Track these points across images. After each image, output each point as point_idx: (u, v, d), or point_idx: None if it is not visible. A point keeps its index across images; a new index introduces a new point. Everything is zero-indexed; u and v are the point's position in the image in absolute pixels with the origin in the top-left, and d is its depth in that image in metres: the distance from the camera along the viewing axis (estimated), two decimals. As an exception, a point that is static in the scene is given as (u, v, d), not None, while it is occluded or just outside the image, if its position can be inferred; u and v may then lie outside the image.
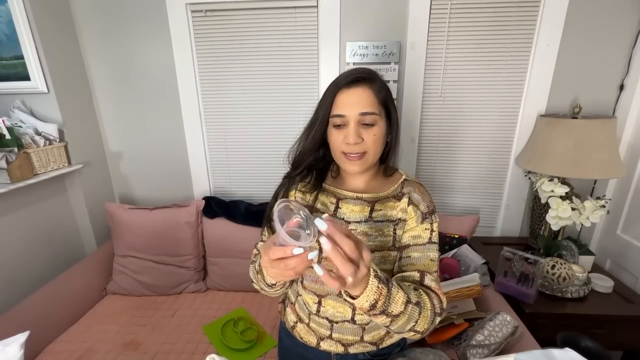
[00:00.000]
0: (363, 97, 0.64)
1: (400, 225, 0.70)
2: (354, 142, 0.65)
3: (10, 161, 1.27)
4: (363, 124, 0.65)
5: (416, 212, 0.70)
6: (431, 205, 0.72)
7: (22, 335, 0.62)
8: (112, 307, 1.47)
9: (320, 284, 0.73)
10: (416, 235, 0.69)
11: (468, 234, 1.45)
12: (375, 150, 0.67)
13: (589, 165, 1.22)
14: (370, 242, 0.69)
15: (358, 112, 0.64)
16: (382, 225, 0.70)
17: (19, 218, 1.41)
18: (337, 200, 0.73)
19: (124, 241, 1.56)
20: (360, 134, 0.65)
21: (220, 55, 1.58)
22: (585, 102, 1.44)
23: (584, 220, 1.26)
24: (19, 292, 1.39)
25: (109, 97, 1.68)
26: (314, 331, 0.76)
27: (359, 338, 0.74)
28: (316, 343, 0.76)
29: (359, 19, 1.47)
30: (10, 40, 1.39)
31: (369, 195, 0.71)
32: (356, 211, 0.71)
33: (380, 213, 0.70)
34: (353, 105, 0.64)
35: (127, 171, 1.80)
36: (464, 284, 1.15)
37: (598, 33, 1.39)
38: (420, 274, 0.67)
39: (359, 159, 0.66)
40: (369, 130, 0.65)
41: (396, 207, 0.70)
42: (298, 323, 0.79)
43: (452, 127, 1.59)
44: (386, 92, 0.68)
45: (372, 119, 0.65)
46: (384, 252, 0.69)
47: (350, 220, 0.71)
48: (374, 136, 0.65)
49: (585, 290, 1.23)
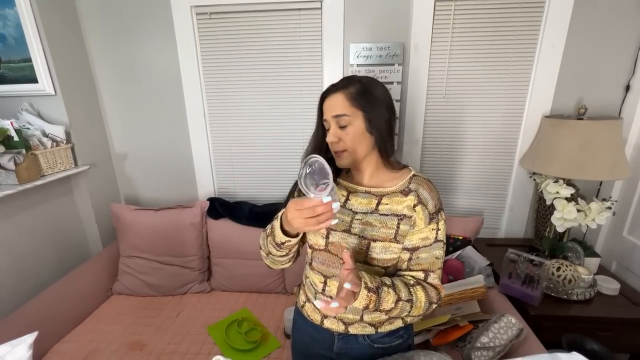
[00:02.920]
0: (335, 102, 0.74)
1: (405, 221, 0.74)
2: (331, 141, 0.75)
3: (18, 163, 1.29)
4: (340, 126, 0.74)
5: (424, 211, 0.73)
6: (438, 204, 0.75)
7: (30, 336, 0.63)
8: (117, 307, 1.49)
9: (327, 267, 0.80)
10: (424, 237, 0.74)
11: (472, 236, 1.45)
12: (355, 146, 0.74)
13: (594, 167, 1.21)
14: (373, 232, 0.75)
15: (332, 115, 0.74)
16: (387, 218, 0.75)
17: (26, 219, 1.43)
18: (348, 194, 0.80)
19: (130, 242, 1.57)
20: (337, 134, 0.74)
21: (224, 57, 1.59)
22: (590, 103, 1.43)
23: (590, 222, 1.25)
24: (26, 292, 1.40)
25: (114, 99, 1.70)
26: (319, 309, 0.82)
27: (358, 317, 0.79)
28: (320, 321, 0.83)
29: (363, 21, 1.47)
30: (18, 43, 1.41)
31: (377, 190, 0.78)
32: (363, 203, 0.77)
33: (386, 207, 0.76)
34: (329, 110, 0.75)
35: (132, 172, 1.81)
36: (468, 286, 1.15)
37: (603, 34, 1.38)
38: (424, 273, 0.75)
39: (340, 155, 0.76)
40: (345, 130, 0.74)
41: (402, 202, 0.75)
42: (306, 303, 0.87)
43: (456, 128, 1.58)
44: (362, 94, 0.73)
45: (345, 120, 0.73)
46: (385, 243, 0.74)
47: (358, 211, 0.77)
48: (347, 135, 0.73)
49: (591, 293, 1.22)
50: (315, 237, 0.81)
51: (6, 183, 1.30)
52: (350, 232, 0.76)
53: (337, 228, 0.78)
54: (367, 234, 0.75)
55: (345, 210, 0.79)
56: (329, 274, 0.80)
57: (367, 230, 0.75)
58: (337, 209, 0.61)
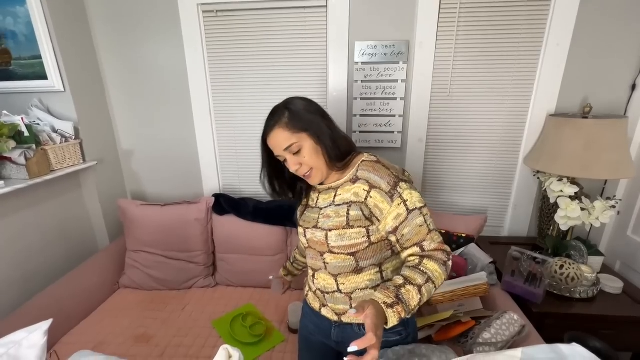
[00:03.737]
0: (279, 138, 0.77)
1: (353, 207, 0.78)
2: (295, 170, 0.80)
3: (28, 157, 1.32)
4: (294, 153, 0.78)
5: (381, 194, 0.75)
6: (393, 178, 0.75)
7: (45, 323, 0.65)
8: (124, 301, 1.51)
9: (313, 261, 0.88)
10: (396, 215, 0.74)
11: (475, 233, 1.45)
12: (317, 162, 0.79)
13: (599, 166, 1.21)
14: (329, 222, 0.80)
15: (282, 150, 0.78)
16: (339, 207, 0.80)
17: (36, 213, 1.46)
18: (318, 194, 0.87)
19: (136, 236, 1.60)
20: (296, 161, 0.78)
21: (230, 55, 1.60)
22: (596, 102, 1.42)
23: (594, 220, 1.25)
24: (35, 285, 1.43)
25: (121, 97, 1.72)
26: (318, 298, 0.90)
27: (348, 307, 0.84)
28: (319, 308, 0.90)
29: (368, 19, 1.48)
30: (28, 40, 1.44)
31: (336, 184, 0.83)
32: (326, 198, 0.84)
33: (340, 197, 0.81)
34: (277, 147, 0.79)
35: (138, 168, 1.84)
36: (471, 283, 1.15)
37: (609, 32, 1.38)
38: (418, 247, 0.75)
39: (310, 175, 0.80)
40: (299, 155, 0.78)
41: (350, 189, 0.79)
42: (309, 292, 0.95)
43: (460, 126, 1.59)
44: (295, 118, 0.77)
45: (295, 147, 0.77)
46: (339, 230, 0.78)
47: (323, 207, 0.84)
48: (305, 157, 0.78)
49: (594, 291, 1.22)
50: (301, 238, 0.90)
51: (17, 177, 1.33)
52: (317, 227, 0.83)
53: (310, 225, 0.85)
54: (325, 225, 0.80)
55: (314, 209, 0.86)
56: (315, 267, 0.88)
57: (326, 222, 0.81)
58: None
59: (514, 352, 0.50)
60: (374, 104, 1.57)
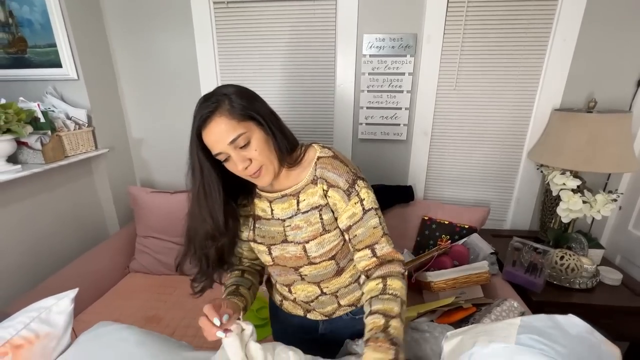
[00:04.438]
0: (221, 129, 0.63)
1: (324, 210, 0.71)
2: (244, 167, 0.66)
3: (44, 143, 1.36)
4: (240, 148, 0.65)
5: (338, 192, 0.70)
6: (351, 176, 0.70)
7: (72, 292, 0.70)
8: (134, 284, 1.56)
9: (284, 276, 0.79)
10: (350, 214, 0.70)
11: (478, 225, 1.48)
12: (268, 156, 0.68)
13: (602, 159, 1.24)
14: (303, 234, 0.72)
15: (226, 143, 0.64)
16: (309, 214, 0.72)
17: (50, 197, 1.50)
18: (270, 203, 0.75)
19: (146, 223, 1.64)
20: (244, 157, 0.65)
21: (240, 46, 1.63)
22: (601, 98, 1.44)
23: (595, 213, 1.27)
24: (48, 267, 1.48)
25: (132, 86, 1.76)
26: (300, 305, 0.85)
27: (336, 305, 0.83)
28: (303, 314, 0.86)
29: (377, 12, 1.49)
30: (44, 29, 1.47)
31: (292, 190, 0.73)
32: (285, 208, 0.73)
33: (304, 203, 0.72)
34: (219, 141, 0.64)
35: (148, 157, 1.88)
36: (472, 271, 1.18)
37: (616, 29, 1.39)
38: (370, 249, 0.71)
39: (260, 174, 0.68)
40: (248, 148, 0.65)
41: (315, 193, 0.71)
42: (284, 301, 0.88)
43: (465, 120, 1.61)
44: (241, 103, 0.65)
45: (243, 139, 0.64)
46: (318, 238, 0.72)
47: (285, 218, 0.74)
48: (255, 151, 0.66)
49: (593, 282, 1.25)
50: (261, 256, 0.80)
51: (33, 162, 1.37)
52: (287, 241, 0.74)
53: (276, 241, 0.75)
54: (299, 238, 0.72)
55: (274, 221, 0.75)
56: (288, 281, 0.81)
57: (298, 235, 0.72)
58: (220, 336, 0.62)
59: (514, 320, 0.53)
60: (380, 97, 1.59)
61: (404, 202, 1.55)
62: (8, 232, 1.33)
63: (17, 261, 1.37)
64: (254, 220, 0.77)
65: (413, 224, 1.52)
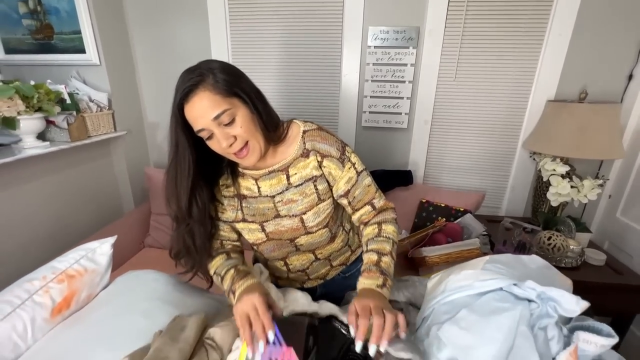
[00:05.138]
0: (203, 105, 0.61)
1: (319, 181, 0.74)
2: (228, 144, 0.64)
3: (70, 123, 1.47)
4: (225, 125, 0.63)
5: (333, 161, 0.73)
6: (339, 143, 0.74)
7: (112, 238, 0.81)
8: (149, 257, 1.67)
9: (278, 250, 0.80)
10: (347, 179, 0.74)
11: (473, 209, 1.56)
12: (254, 134, 0.66)
13: (590, 147, 1.32)
14: (299, 206, 0.74)
15: (209, 119, 0.61)
16: (303, 187, 0.74)
17: (74, 174, 1.61)
18: (256, 181, 0.75)
19: (160, 201, 1.74)
20: (228, 134, 0.63)
21: (251, 37, 1.72)
22: (594, 91, 1.51)
23: (582, 197, 1.35)
24: (72, 237, 1.59)
25: (149, 72, 1.86)
26: (296, 280, 0.90)
27: (329, 266, 0.89)
28: (300, 286, 0.90)
29: (382, 5, 1.58)
30: (70, 16, 1.57)
31: (279, 165, 0.73)
32: (274, 184, 0.74)
33: (296, 177, 0.73)
34: (202, 117, 0.61)
35: (162, 140, 1.98)
36: (464, 247, 1.27)
37: (609, 25, 1.46)
38: (370, 205, 0.78)
39: (247, 152, 0.66)
40: (233, 125, 0.64)
41: (308, 165, 0.72)
42: (278, 281, 0.92)
43: (464, 110, 1.69)
44: (226, 78, 0.63)
45: (227, 115, 0.62)
46: (314, 208, 0.75)
47: (274, 194, 0.74)
48: (240, 128, 0.64)
49: (578, 261, 1.33)
50: (253, 235, 0.78)
51: (59, 140, 1.48)
52: (280, 216, 0.75)
53: (267, 217, 0.75)
54: (295, 211, 0.74)
55: (263, 198, 0.75)
56: (282, 255, 0.83)
57: (293, 208, 0.74)
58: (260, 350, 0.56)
59: (484, 257, 0.62)
60: (383, 86, 1.68)
61: (403, 186, 1.64)
62: (37, 204, 1.45)
63: (45, 231, 1.49)
64: (240, 199, 0.76)
65: (411, 207, 1.62)
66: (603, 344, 0.48)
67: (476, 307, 0.52)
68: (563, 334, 0.53)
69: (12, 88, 1.22)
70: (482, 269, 0.55)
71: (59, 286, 0.71)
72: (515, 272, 0.54)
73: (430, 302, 0.58)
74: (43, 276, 0.71)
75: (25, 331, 0.68)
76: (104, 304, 0.75)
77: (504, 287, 0.51)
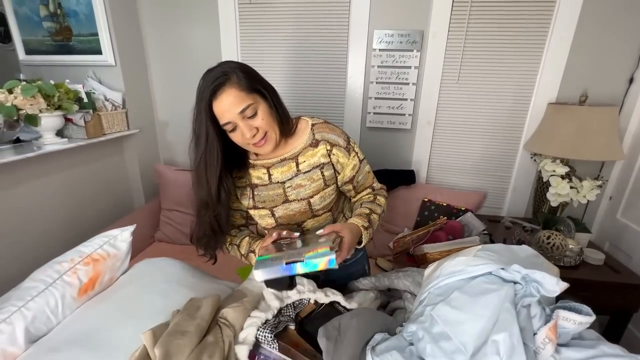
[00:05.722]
0: (231, 99, 0.69)
1: (326, 167, 0.82)
2: (251, 135, 0.72)
3: (87, 120, 1.54)
4: (248, 117, 0.72)
5: (340, 150, 0.83)
6: (345, 135, 0.86)
7: (131, 227, 0.88)
8: (159, 251, 1.73)
9: (293, 214, 0.85)
10: (352, 166, 0.86)
11: (474, 208, 1.60)
12: (272, 126, 0.75)
13: (589, 148, 1.35)
14: (307, 190, 0.82)
15: (236, 113, 0.70)
16: (311, 173, 0.82)
17: (89, 169, 1.68)
18: (267, 169, 0.83)
19: (170, 197, 1.81)
20: (251, 126, 0.72)
21: (260, 40, 1.78)
22: (595, 94, 1.54)
23: (581, 197, 1.38)
24: (85, 231, 1.65)
25: (161, 73, 1.93)
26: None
27: None
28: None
29: (387, 10, 1.63)
30: (88, 19, 1.65)
31: (290, 154, 0.82)
32: (285, 171, 0.82)
33: (305, 164, 0.82)
34: (228, 111, 0.70)
35: (172, 138, 2.05)
36: (464, 244, 1.31)
37: (610, 28, 1.49)
38: (370, 188, 0.93)
39: (265, 141, 0.75)
40: (256, 118, 0.73)
41: (316, 153, 0.82)
42: None
43: (466, 112, 1.73)
44: (247, 77, 0.72)
45: (251, 109, 0.71)
46: (321, 193, 0.83)
47: (285, 180, 0.82)
48: (262, 120, 0.73)
49: (577, 260, 1.36)
50: (264, 220, 0.86)
51: (77, 137, 1.55)
52: (289, 201, 0.83)
53: (277, 203, 0.83)
54: (303, 195, 0.82)
55: (274, 185, 0.83)
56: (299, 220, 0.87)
57: (301, 192, 0.82)
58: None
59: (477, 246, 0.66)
60: (388, 88, 1.73)
61: (406, 185, 1.68)
62: (54, 197, 1.52)
63: (61, 223, 1.56)
64: (252, 189, 0.84)
65: (414, 206, 1.66)
66: (581, 321, 0.52)
67: (467, 288, 0.57)
68: (545, 313, 0.57)
69: (35, 87, 1.28)
70: (474, 256, 0.60)
71: (85, 268, 0.78)
72: (504, 259, 0.58)
73: (427, 287, 0.63)
74: (71, 259, 0.78)
75: (57, 307, 0.76)
76: (125, 285, 0.82)
77: (493, 271, 0.56)
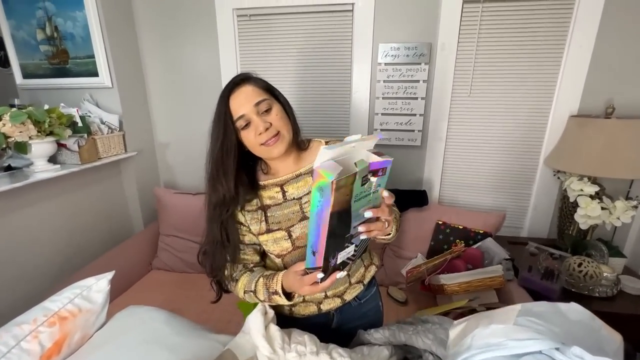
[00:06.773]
0: (248, 92, 0.72)
1: None
2: (264, 128, 0.71)
3: (81, 145, 1.47)
4: (263, 112, 0.72)
5: None
6: None
7: (109, 274, 0.77)
8: (157, 280, 1.64)
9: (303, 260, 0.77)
10: None
11: (493, 231, 1.47)
12: (285, 126, 0.74)
13: (619, 165, 1.22)
14: None
15: (252, 104, 0.71)
16: None
17: (84, 195, 1.61)
18: (281, 187, 0.79)
19: (169, 222, 1.72)
20: (265, 120, 0.72)
21: (261, 56, 1.72)
22: (621, 104, 1.42)
23: (615, 220, 1.25)
24: (81, 258, 1.58)
25: (160, 94, 1.87)
26: (311, 300, 0.83)
27: (348, 284, 0.84)
28: (317, 309, 0.83)
29: (392, 22, 1.55)
30: (84, 41, 1.61)
31: (305, 169, 0.79)
32: (301, 186, 0.78)
33: None
34: (245, 103, 0.71)
35: (172, 160, 1.98)
36: (486, 274, 1.19)
37: (633, 34, 1.38)
38: None
39: (276, 140, 0.72)
40: (270, 113, 0.73)
41: None
42: (292, 307, 0.85)
43: (480, 126, 1.62)
44: (265, 83, 0.77)
45: (266, 104, 0.73)
46: None
47: (301, 196, 0.78)
48: (276, 116, 0.73)
49: (614, 290, 1.22)
50: (278, 245, 0.78)
51: (70, 162, 1.48)
52: (307, 218, 0.77)
53: (293, 221, 0.77)
54: None
55: (289, 202, 0.78)
56: None
57: None
58: (342, 276, 0.62)
59: (515, 306, 0.55)
60: (395, 103, 1.64)
61: (418, 206, 1.57)
62: (49, 225, 1.45)
63: (57, 251, 1.49)
64: (264, 211, 0.79)
65: (427, 229, 1.54)
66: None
67: (512, 372, 0.44)
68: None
69: (25, 114, 1.23)
70: (514, 324, 0.48)
71: (49, 330, 0.66)
72: (555, 329, 0.46)
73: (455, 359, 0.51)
74: (34, 319, 0.66)
75: (10, 384, 0.61)
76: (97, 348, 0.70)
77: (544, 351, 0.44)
